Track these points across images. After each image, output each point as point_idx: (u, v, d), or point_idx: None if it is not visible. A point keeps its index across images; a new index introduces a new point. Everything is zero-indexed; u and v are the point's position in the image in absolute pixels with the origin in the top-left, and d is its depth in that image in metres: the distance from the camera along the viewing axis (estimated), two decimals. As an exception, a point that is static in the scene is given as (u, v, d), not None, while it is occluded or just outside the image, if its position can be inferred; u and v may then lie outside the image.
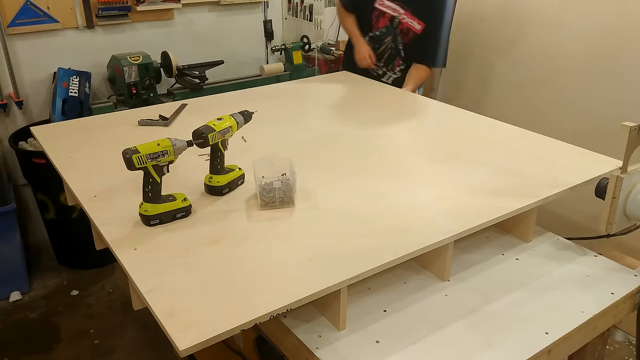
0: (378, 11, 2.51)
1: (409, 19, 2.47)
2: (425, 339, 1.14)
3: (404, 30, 2.50)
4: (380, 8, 2.50)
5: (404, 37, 2.53)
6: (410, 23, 2.47)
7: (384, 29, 2.52)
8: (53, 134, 1.84)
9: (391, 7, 2.48)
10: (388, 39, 2.54)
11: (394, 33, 2.52)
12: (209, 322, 0.96)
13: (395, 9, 2.47)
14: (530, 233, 1.48)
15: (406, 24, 2.47)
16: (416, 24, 2.47)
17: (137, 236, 1.23)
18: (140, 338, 2.48)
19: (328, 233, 1.24)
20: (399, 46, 2.55)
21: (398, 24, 2.49)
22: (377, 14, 2.51)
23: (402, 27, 2.50)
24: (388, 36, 2.53)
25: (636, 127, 1.23)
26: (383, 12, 2.50)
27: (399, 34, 2.52)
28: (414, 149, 1.74)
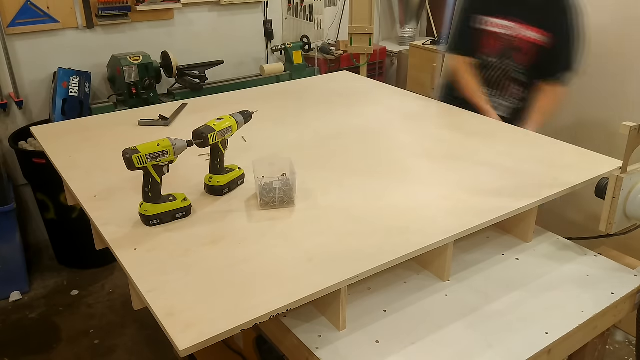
0: (485, 32, 2.08)
1: (524, 30, 2.03)
2: (425, 339, 1.14)
3: (520, 47, 2.06)
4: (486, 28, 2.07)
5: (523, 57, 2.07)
6: (526, 35, 2.03)
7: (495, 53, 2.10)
8: (53, 134, 1.84)
9: (499, 24, 2.05)
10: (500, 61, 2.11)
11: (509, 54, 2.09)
12: (209, 322, 0.96)
13: (504, 26, 2.05)
14: (530, 233, 1.48)
15: (522, 37, 2.03)
16: (534, 34, 2.02)
17: (137, 236, 1.23)
18: (140, 338, 2.48)
19: (328, 233, 1.24)
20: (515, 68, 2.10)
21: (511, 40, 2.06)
22: (486, 36, 2.09)
23: (517, 44, 2.06)
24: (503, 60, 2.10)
25: (636, 127, 1.23)
26: (492, 32, 2.07)
27: (512, 52, 2.07)
28: (414, 148, 1.74)
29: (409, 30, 4.36)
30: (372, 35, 3.55)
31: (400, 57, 4.24)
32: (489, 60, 2.13)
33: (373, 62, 4.04)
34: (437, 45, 3.88)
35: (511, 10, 2.04)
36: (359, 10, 3.49)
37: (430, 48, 3.88)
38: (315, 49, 3.79)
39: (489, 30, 2.08)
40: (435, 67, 3.81)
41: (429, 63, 3.88)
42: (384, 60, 4.22)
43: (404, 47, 4.25)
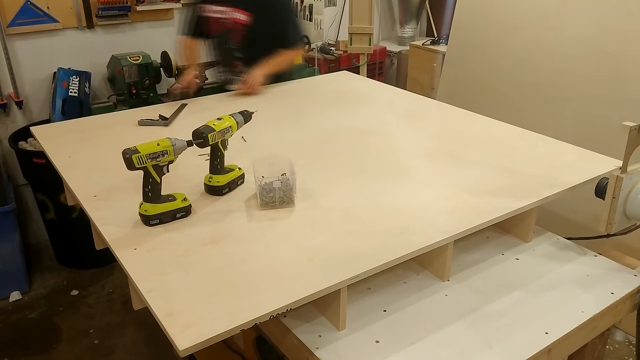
0: (210, 19, 2.45)
1: (233, 13, 2.40)
2: (425, 339, 1.14)
3: (232, 28, 2.42)
4: (210, 15, 2.44)
5: (235, 35, 2.43)
6: (235, 17, 2.40)
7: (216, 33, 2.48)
8: (53, 134, 1.84)
9: (217, 10, 2.42)
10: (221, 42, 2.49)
11: (224, 36, 2.46)
12: (208, 322, 0.96)
13: (220, 11, 2.42)
14: (530, 233, 1.48)
15: (232, 19, 2.40)
16: (240, 15, 2.39)
17: (137, 236, 1.23)
18: (140, 338, 2.48)
19: (328, 233, 1.24)
20: (230, 47, 2.47)
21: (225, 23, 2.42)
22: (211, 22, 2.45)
23: (230, 25, 2.42)
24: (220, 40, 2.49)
25: (636, 127, 1.23)
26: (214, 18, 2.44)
27: (228, 33, 2.43)
28: (414, 149, 1.74)
29: (409, 30, 4.37)
30: (372, 35, 3.55)
31: (400, 57, 4.24)
32: (215, 42, 2.53)
33: (373, 62, 4.04)
34: (437, 45, 3.88)
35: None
36: (359, 10, 3.49)
37: (430, 48, 3.88)
38: (315, 49, 3.79)
39: (211, 16, 2.45)
40: (435, 67, 3.82)
41: (429, 63, 3.88)
42: (383, 60, 4.22)
43: (404, 47, 4.26)
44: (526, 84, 2.61)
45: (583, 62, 2.37)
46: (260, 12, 2.41)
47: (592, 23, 2.33)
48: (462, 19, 2.93)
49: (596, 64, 2.31)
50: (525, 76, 2.61)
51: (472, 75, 2.89)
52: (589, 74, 2.34)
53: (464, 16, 2.93)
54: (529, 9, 2.61)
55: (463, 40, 2.92)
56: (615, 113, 2.22)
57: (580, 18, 2.38)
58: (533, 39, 2.58)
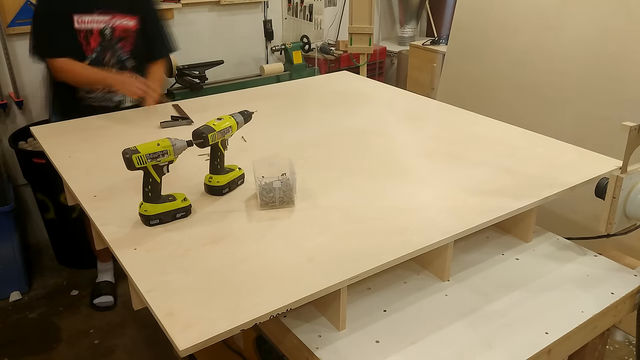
0: (82, 32, 2.14)
1: (119, 19, 2.19)
2: (425, 339, 1.14)
3: (122, 35, 2.21)
4: (82, 27, 2.14)
5: (125, 44, 2.23)
6: (123, 23, 2.19)
7: (98, 47, 2.18)
8: (53, 134, 1.84)
9: (94, 19, 2.15)
10: (107, 56, 2.21)
11: (110, 45, 2.21)
12: (208, 322, 0.96)
13: (99, 20, 2.16)
14: (530, 233, 1.48)
15: (120, 26, 2.19)
16: (129, 21, 2.20)
17: (137, 236, 1.23)
18: (140, 338, 2.48)
19: (328, 233, 1.24)
20: (122, 57, 2.24)
21: (111, 32, 2.18)
22: (84, 35, 2.15)
23: (118, 34, 2.20)
24: (106, 53, 2.20)
25: (636, 127, 1.23)
26: (89, 29, 2.15)
27: (118, 43, 2.21)
28: (413, 148, 1.74)
29: (409, 30, 4.37)
30: (372, 35, 3.55)
31: (400, 57, 4.24)
32: (97, 57, 2.20)
33: (373, 62, 4.04)
34: (437, 45, 3.88)
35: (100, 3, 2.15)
36: (359, 10, 3.49)
37: (430, 48, 3.88)
38: (315, 49, 3.79)
39: (85, 28, 2.15)
40: (435, 67, 3.82)
41: (429, 63, 3.88)
42: (383, 60, 4.22)
43: (404, 47, 4.26)
44: (526, 84, 2.61)
45: (583, 63, 2.37)
46: (144, 13, 2.27)
47: (593, 24, 2.33)
48: (462, 19, 2.93)
49: (596, 65, 2.31)
50: (525, 76, 2.61)
51: (472, 76, 2.89)
52: (589, 74, 2.34)
53: (464, 16, 2.93)
54: (529, 10, 2.61)
55: (463, 40, 2.92)
56: (615, 113, 2.22)
57: (581, 19, 2.38)
58: (533, 40, 2.58)
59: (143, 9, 2.27)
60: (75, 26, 2.13)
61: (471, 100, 2.82)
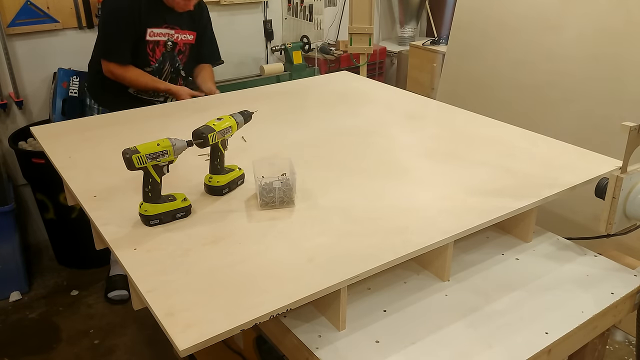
0: (152, 43, 2.39)
1: (182, 35, 2.44)
2: (425, 339, 1.14)
3: (182, 50, 2.47)
4: (153, 39, 2.38)
5: (182, 57, 2.50)
6: (184, 38, 2.45)
7: (160, 57, 2.44)
8: (53, 134, 1.84)
9: (162, 32, 2.39)
10: (167, 66, 2.47)
11: (171, 57, 2.47)
12: (208, 322, 0.96)
13: (166, 33, 2.41)
14: (530, 233, 1.48)
15: (181, 41, 2.45)
16: (189, 36, 2.47)
17: (137, 236, 1.23)
18: (140, 338, 2.48)
19: (328, 233, 1.24)
20: (178, 67, 2.51)
21: (173, 45, 2.43)
22: (152, 46, 2.40)
23: (179, 47, 2.46)
24: (166, 62, 2.46)
25: (636, 127, 1.23)
26: (157, 41, 2.40)
27: (177, 56, 2.48)
28: (414, 148, 1.74)
29: (409, 30, 4.37)
30: (371, 35, 3.55)
31: (400, 57, 4.24)
32: (158, 66, 2.46)
33: (373, 62, 4.04)
34: (437, 45, 3.88)
35: (168, 19, 2.40)
36: (359, 10, 3.49)
37: (430, 48, 3.88)
38: (315, 49, 3.80)
39: (155, 40, 2.39)
40: (435, 67, 3.82)
41: (429, 63, 3.88)
42: (383, 60, 4.22)
43: (404, 47, 4.26)
44: (526, 84, 2.61)
45: (583, 63, 2.37)
46: (201, 29, 2.52)
47: (592, 23, 2.33)
48: (462, 19, 2.93)
49: (596, 64, 2.32)
50: (525, 76, 2.61)
51: (472, 75, 2.89)
52: (589, 74, 2.34)
53: (464, 16, 2.93)
54: (529, 10, 2.61)
55: (463, 40, 2.92)
56: (615, 113, 2.22)
57: (581, 19, 2.38)
58: (533, 40, 2.58)
59: (202, 25, 2.53)
60: (147, 38, 2.36)
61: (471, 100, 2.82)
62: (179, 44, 2.45)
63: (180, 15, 2.41)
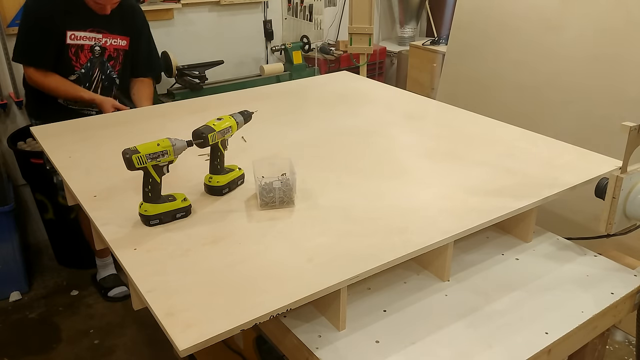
0: (74, 47, 2.22)
1: (112, 39, 2.28)
2: (425, 339, 1.14)
3: (112, 55, 2.31)
4: (75, 42, 2.21)
5: (114, 63, 2.34)
6: (115, 43, 2.29)
7: (87, 63, 2.26)
8: (53, 134, 1.84)
9: (87, 36, 2.22)
10: (96, 72, 2.30)
11: (101, 63, 2.30)
12: (208, 322, 0.96)
13: (91, 37, 2.24)
14: (530, 233, 1.48)
15: (111, 46, 2.29)
16: (121, 41, 2.30)
17: (137, 236, 1.23)
18: (140, 338, 2.48)
19: (328, 233, 1.24)
20: (111, 75, 2.34)
21: (101, 50, 2.27)
22: (75, 50, 2.23)
23: (109, 53, 2.30)
24: (95, 69, 2.29)
25: (636, 127, 1.23)
26: (80, 45, 2.23)
27: (107, 61, 2.31)
28: (414, 148, 1.74)
29: (409, 30, 4.37)
30: (371, 36, 3.55)
31: (400, 57, 4.24)
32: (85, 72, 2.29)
33: (373, 62, 4.04)
34: (437, 45, 3.88)
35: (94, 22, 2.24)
36: (359, 10, 3.49)
37: (430, 48, 3.88)
38: (315, 49, 3.80)
39: (78, 44, 2.22)
40: (435, 67, 3.82)
41: (429, 63, 3.88)
42: (383, 60, 4.22)
43: (404, 47, 4.26)
44: (526, 84, 2.61)
45: (583, 63, 2.37)
46: (134, 34, 2.36)
47: (592, 24, 2.33)
48: (462, 19, 2.93)
49: (596, 65, 2.32)
50: (525, 76, 2.61)
51: (472, 76, 2.89)
52: (589, 74, 2.34)
53: (464, 16, 2.93)
54: (529, 10, 2.61)
55: (463, 40, 2.92)
56: (615, 113, 2.22)
57: (581, 19, 2.38)
58: (533, 40, 2.58)
59: (136, 30, 2.36)
60: (68, 41, 2.19)
61: (471, 100, 2.82)
62: (109, 49, 2.29)
63: (110, 19, 2.25)
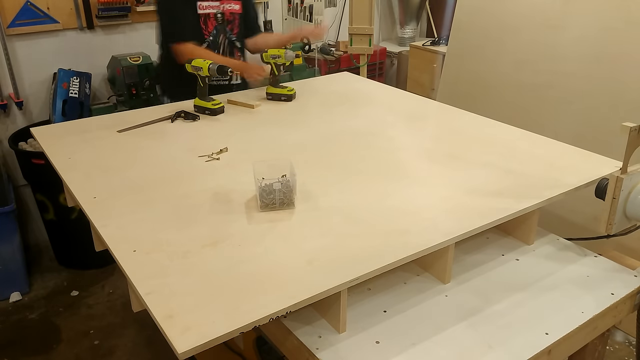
0: (203, 16, 2.41)
1: (227, 4, 2.44)
2: (426, 340, 1.14)
3: (229, 19, 2.47)
4: (204, 12, 2.39)
5: (233, 27, 2.49)
6: (230, 7, 2.45)
7: (214, 30, 2.43)
8: (53, 135, 1.84)
9: (211, 5, 2.40)
10: (221, 38, 2.47)
11: (223, 28, 2.46)
12: (208, 324, 0.96)
13: (214, 6, 2.41)
14: (532, 235, 1.48)
15: (228, 10, 2.45)
16: (235, 5, 2.47)
17: (137, 238, 1.23)
18: (140, 338, 2.48)
19: (328, 235, 1.24)
20: (232, 39, 2.50)
21: (222, 17, 2.43)
22: (204, 19, 2.41)
23: (227, 17, 2.46)
24: (220, 35, 2.46)
25: (636, 128, 1.23)
26: (207, 14, 2.41)
27: (227, 26, 2.47)
28: (414, 150, 1.73)
29: (409, 30, 4.36)
30: (372, 36, 3.55)
31: (400, 58, 4.24)
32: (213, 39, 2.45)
33: (373, 62, 4.04)
34: (437, 46, 3.88)
35: None
36: (359, 11, 3.49)
37: (430, 49, 3.88)
38: (315, 49, 3.79)
39: (204, 13, 2.40)
40: (435, 67, 3.82)
41: (429, 64, 3.88)
42: (384, 60, 4.22)
43: (404, 47, 4.26)
44: (526, 84, 2.61)
45: (584, 63, 2.37)
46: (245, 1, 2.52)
47: (593, 24, 2.33)
48: (462, 19, 2.93)
49: (597, 65, 2.31)
50: (526, 77, 2.61)
51: (473, 76, 2.88)
52: (589, 74, 2.34)
53: (464, 16, 2.93)
54: (529, 9, 2.61)
55: (463, 40, 2.92)
56: (616, 114, 2.22)
57: (581, 19, 2.38)
58: (534, 40, 2.58)
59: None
60: (199, 11, 2.39)
61: (471, 100, 2.82)
62: (226, 14, 2.45)
63: None
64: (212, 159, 1.61)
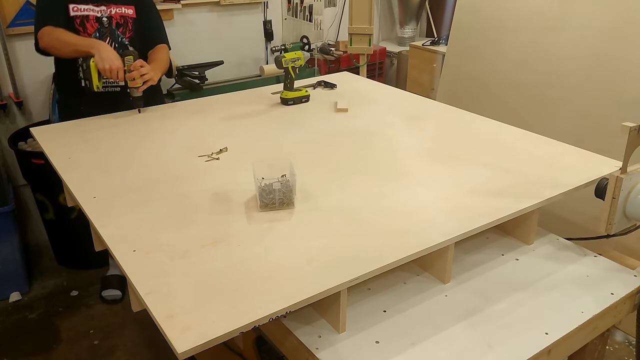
0: (79, 18, 2.19)
1: (116, 9, 2.25)
2: (426, 340, 1.14)
3: (120, 22, 2.26)
4: (77, 14, 2.19)
5: (124, 30, 2.27)
6: (121, 11, 2.25)
7: (95, 32, 2.22)
8: (53, 135, 1.84)
9: (89, 8, 2.20)
10: (107, 41, 2.23)
11: (110, 31, 2.25)
12: (208, 324, 0.96)
13: (97, 10, 2.22)
14: (531, 235, 1.48)
15: (117, 14, 2.25)
16: (126, 10, 2.27)
17: (136, 238, 1.23)
18: (140, 338, 2.48)
19: (328, 235, 1.24)
20: (124, 42, 2.28)
21: (109, 20, 2.23)
22: (80, 21, 2.20)
23: (116, 20, 2.25)
24: (105, 37, 2.23)
25: (636, 128, 1.23)
26: (85, 16, 2.20)
27: (116, 29, 2.26)
28: (414, 149, 1.73)
29: (409, 30, 4.36)
30: (371, 36, 3.55)
31: (400, 58, 4.24)
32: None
33: (373, 62, 4.04)
34: (437, 46, 3.88)
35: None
36: (359, 11, 3.49)
37: (430, 48, 3.88)
38: (315, 49, 3.79)
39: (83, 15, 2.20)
40: (435, 67, 3.82)
41: (429, 63, 3.88)
42: (383, 60, 4.22)
43: (404, 47, 4.26)
44: (526, 84, 2.61)
45: (583, 63, 2.37)
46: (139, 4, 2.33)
47: (592, 24, 2.33)
48: (462, 19, 2.93)
49: (596, 65, 2.31)
50: (525, 77, 2.61)
51: (472, 76, 2.88)
52: (589, 74, 2.34)
53: (464, 16, 2.93)
54: (529, 10, 2.61)
55: (463, 40, 2.92)
56: (615, 113, 2.22)
57: (581, 19, 2.38)
58: (533, 40, 2.58)
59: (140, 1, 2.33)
60: (71, 14, 2.19)
61: (471, 100, 2.82)
62: (115, 17, 2.25)
63: None
64: (211, 159, 1.61)
